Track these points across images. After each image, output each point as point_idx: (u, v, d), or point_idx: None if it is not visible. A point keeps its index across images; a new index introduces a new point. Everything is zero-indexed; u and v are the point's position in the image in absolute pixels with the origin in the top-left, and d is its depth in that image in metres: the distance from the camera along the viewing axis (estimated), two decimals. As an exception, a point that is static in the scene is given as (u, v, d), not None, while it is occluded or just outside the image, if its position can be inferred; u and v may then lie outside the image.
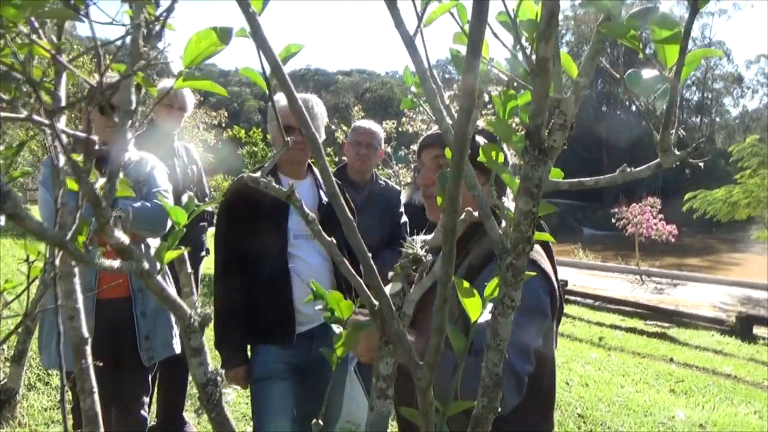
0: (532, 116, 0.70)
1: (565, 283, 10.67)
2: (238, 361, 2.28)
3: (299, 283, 2.24)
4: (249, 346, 2.33)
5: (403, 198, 4.14)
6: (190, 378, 3.50)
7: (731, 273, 19.62)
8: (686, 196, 16.17)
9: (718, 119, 59.41)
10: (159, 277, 0.78)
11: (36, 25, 0.82)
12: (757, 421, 4.78)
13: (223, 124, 15.55)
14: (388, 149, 3.80)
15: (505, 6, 0.70)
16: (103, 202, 0.65)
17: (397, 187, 4.12)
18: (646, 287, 14.14)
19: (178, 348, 2.57)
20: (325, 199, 2.35)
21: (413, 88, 1.23)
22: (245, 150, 8.52)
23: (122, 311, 2.40)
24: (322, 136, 2.47)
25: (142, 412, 2.55)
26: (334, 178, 2.64)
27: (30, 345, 3.32)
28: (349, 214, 0.76)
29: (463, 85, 0.59)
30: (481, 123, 1.69)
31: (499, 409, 0.80)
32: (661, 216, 16.45)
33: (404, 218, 3.82)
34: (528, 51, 0.73)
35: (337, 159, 9.65)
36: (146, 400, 2.61)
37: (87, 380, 0.89)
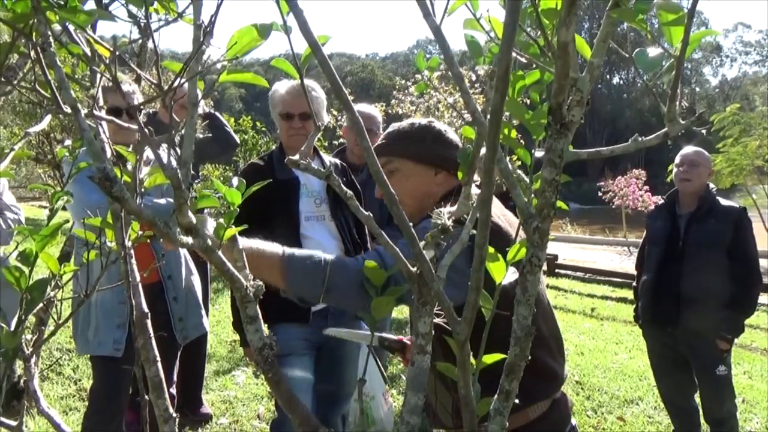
0: (554, 94, 0.79)
1: (555, 257, 10.85)
2: None
3: None
4: (267, 326, 2.42)
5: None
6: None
7: (716, 240, 19.90)
8: (669, 167, 16.32)
9: (698, 89, 59.83)
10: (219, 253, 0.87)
11: (72, 29, 0.89)
12: (747, 380, 4.97)
13: (209, 114, 15.45)
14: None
15: (529, -3, 0.79)
16: (183, 185, 0.73)
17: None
18: (635, 258, 14.34)
19: (207, 326, 2.80)
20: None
21: (426, 72, 1.33)
22: (235, 138, 8.53)
23: (155, 296, 2.52)
24: (323, 120, 2.54)
25: (172, 390, 2.67)
26: (338, 160, 2.74)
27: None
28: (393, 197, 0.83)
29: (499, 69, 0.68)
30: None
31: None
32: (646, 187, 16.68)
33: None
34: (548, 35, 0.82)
35: (326, 143, 9.69)
36: (175, 378, 2.74)
37: (150, 350, 0.98)
